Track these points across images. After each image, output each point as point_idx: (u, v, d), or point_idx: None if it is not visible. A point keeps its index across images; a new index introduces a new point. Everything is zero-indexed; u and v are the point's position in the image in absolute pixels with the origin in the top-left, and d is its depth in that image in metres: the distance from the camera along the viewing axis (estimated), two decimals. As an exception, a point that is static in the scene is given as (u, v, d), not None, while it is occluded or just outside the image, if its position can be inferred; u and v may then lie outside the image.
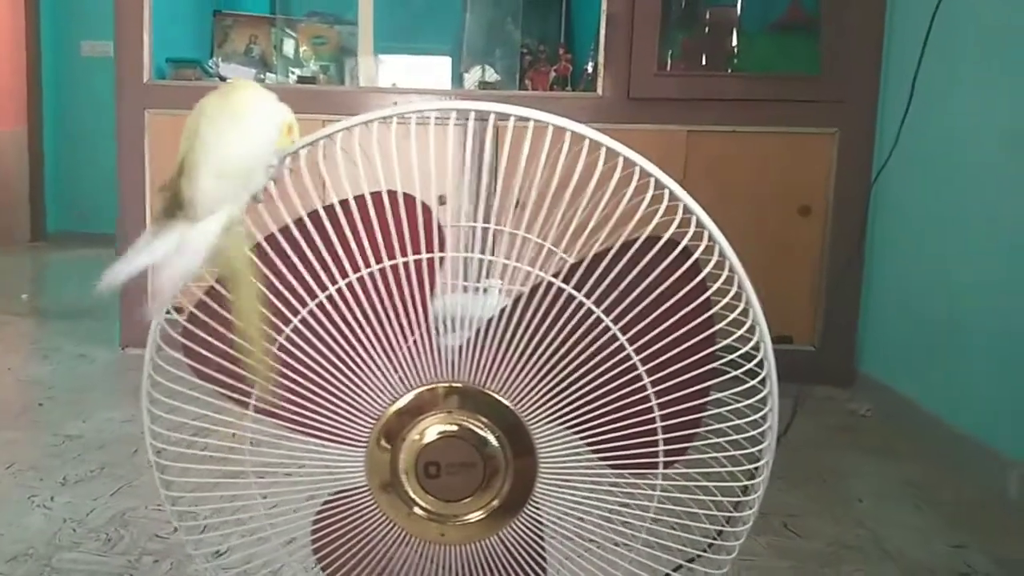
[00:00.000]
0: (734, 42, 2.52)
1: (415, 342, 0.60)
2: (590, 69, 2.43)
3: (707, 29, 2.56)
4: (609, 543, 0.66)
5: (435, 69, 2.87)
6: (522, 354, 0.61)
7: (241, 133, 0.62)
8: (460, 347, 0.61)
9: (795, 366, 2.24)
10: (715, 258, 0.63)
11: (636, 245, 0.60)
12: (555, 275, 0.60)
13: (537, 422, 0.62)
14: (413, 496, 0.62)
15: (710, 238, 0.63)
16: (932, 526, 1.42)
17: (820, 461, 1.76)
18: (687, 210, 0.63)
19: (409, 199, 0.64)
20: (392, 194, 0.64)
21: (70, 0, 4.91)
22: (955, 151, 1.86)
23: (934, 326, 1.91)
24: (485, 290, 0.66)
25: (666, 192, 0.63)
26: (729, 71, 2.47)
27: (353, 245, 0.60)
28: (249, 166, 0.63)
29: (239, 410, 0.61)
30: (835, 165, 2.25)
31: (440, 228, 0.64)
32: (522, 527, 0.64)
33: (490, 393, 0.62)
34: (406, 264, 0.60)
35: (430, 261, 0.62)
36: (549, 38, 2.74)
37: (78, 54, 4.91)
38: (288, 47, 2.55)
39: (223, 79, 2.47)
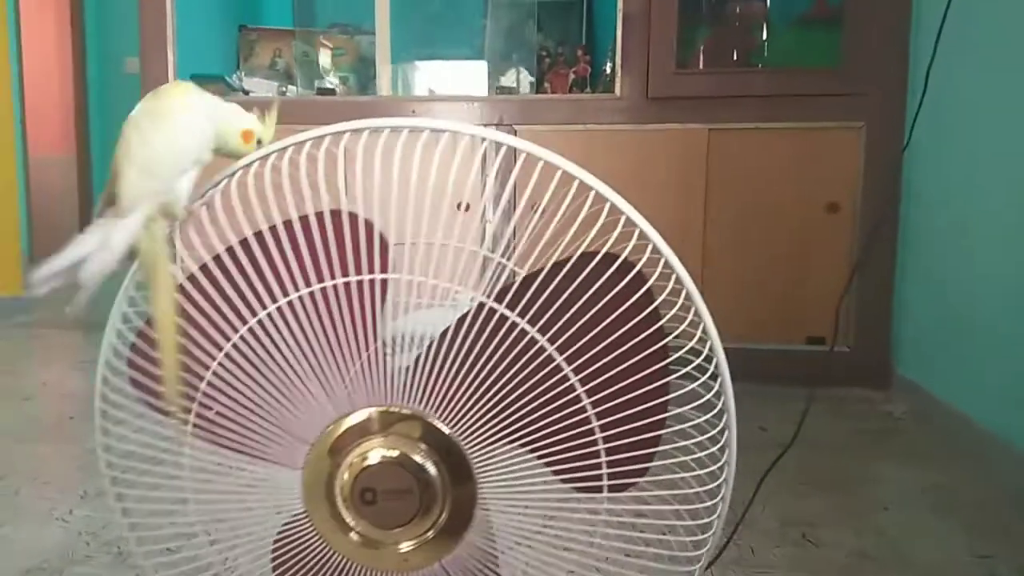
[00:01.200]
0: (763, 37, 2.47)
1: (346, 365, 0.59)
2: (608, 70, 2.40)
3: (736, 23, 2.50)
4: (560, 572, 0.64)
5: (470, 74, 2.86)
6: (456, 378, 0.59)
7: (164, 132, 0.65)
8: (398, 370, 0.60)
9: (830, 368, 2.19)
10: (659, 269, 0.61)
11: (571, 262, 0.58)
12: (487, 295, 0.59)
13: (475, 448, 0.60)
14: (350, 522, 0.61)
15: (655, 250, 0.60)
16: (957, 535, 1.36)
17: (847, 466, 1.70)
18: (630, 223, 0.61)
19: (354, 219, 0.64)
20: (338, 214, 0.64)
21: (114, 17, 5.05)
22: (980, 140, 1.79)
23: (966, 325, 1.83)
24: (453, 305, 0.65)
25: (607, 206, 0.61)
26: (760, 66, 2.41)
27: (282, 267, 0.60)
28: (172, 165, 0.65)
29: (180, 429, 0.61)
30: (862, 159, 2.18)
31: (384, 249, 0.63)
32: (477, 552, 0.63)
33: (426, 418, 0.60)
34: (336, 286, 0.59)
35: (372, 283, 0.61)
36: (570, 40, 2.72)
37: (122, 71, 5.04)
38: (309, 59, 2.58)
39: (246, 93, 2.51)
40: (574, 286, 0.58)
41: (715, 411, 0.63)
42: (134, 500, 0.67)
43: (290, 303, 0.59)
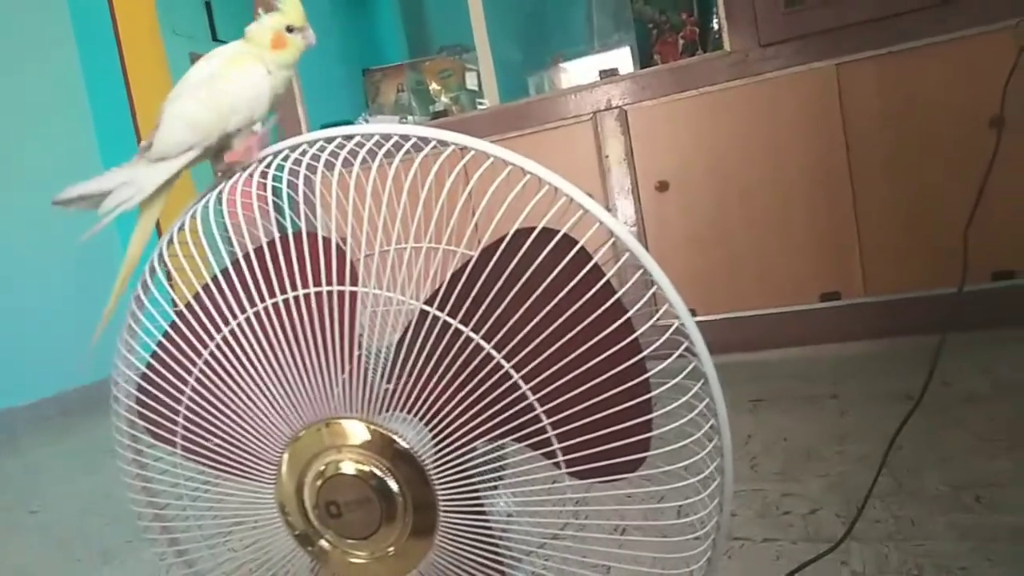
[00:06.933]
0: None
1: (300, 377, 0.60)
2: (717, 26, 2.26)
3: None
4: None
5: (578, 65, 2.82)
6: (404, 383, 0.58)
7: (215, 90, 0.66)
8: (346, 381, 0.59)
9: (1022, 304, 1.91)
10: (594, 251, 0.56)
11: (503, 243, 0.55)
12: (428, 301, 0.57)
13: (429, 455, 0.58)
14: (325, 535, 0.61)
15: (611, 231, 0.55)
16: None
17: (1044, 417, 1.47)
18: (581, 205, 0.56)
19: (317, 238, 0.65)
20: (310, 236, 0.66)
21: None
22: None
23: None
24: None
25: (532, 182, 0.57)
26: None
27: (251, 282, 0.61)
28: (217, 124, 0.66)
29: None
30: (1024, 59, 1.88)
31: (343, 262, 0.63)
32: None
33: (377, 426, 0.59)
34: (297, 299, 0.60)
35: (327, 295, 0.61)
36: (680, 6, 2.60)
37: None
38: (422, 87, 2.67)
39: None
40: (509, 270, 0.55)
41: (698, 410, 0.56)
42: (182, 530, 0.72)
43: (256, 314, 0.60)
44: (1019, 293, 1.95)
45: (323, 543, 0.62)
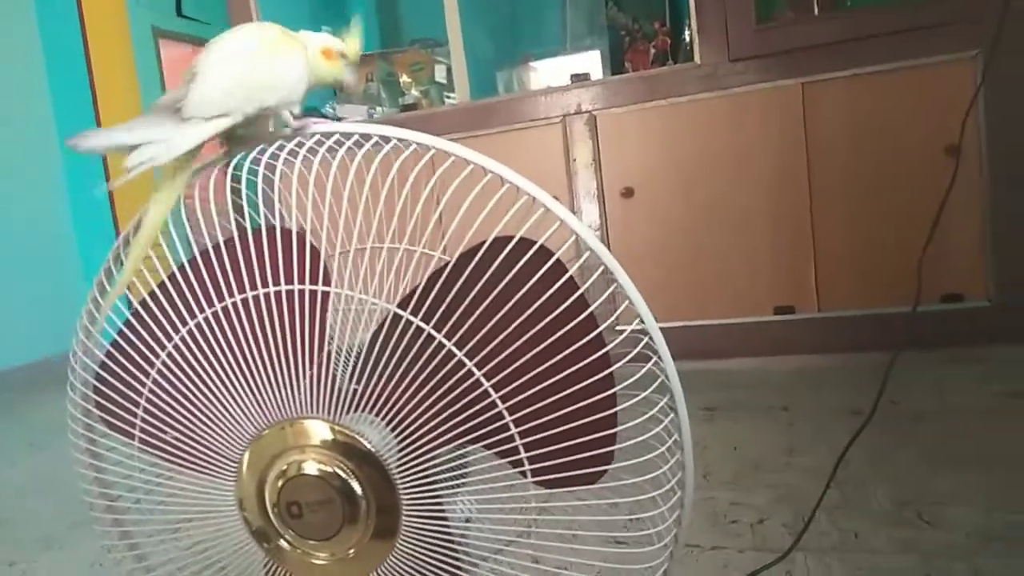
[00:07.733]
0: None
1: (268, 376, 0.59)
2: (688, 38, 2.29)
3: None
4: None
5: (550, 66, 2.84)
6: (366, 387, 0.58)
7: (260, 61, 0.64)
8: (313, 382, 0.59)
9: (970, 326, 1.97)
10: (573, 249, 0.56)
11: (480, 251, 0.55)
12: (401, 304, 0.57)
13: (392, 457, 0.58)
14: (285, 535, 0.61)
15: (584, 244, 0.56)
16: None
17: (986, 436, 1.52)
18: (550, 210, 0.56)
19: (291, 235, 0.64)
20: (283, 232, 0.65)
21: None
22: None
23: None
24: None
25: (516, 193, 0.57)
26: (848, 3, 2.22)
27: (220, 277, 0.60)
28: (256, 95, 0.63)
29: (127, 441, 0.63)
30: (982, 92, 1.94)
31: (316, 261, 0.63)
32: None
33: (343, 428, 0.59)
34: (268, 295, 0.60)
35: (298, 293, 0.60)
36: (651, 15, 2.63)
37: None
38: (392, 79, 2.65)
39: (339, 119, 2.62)
40: (484, 280, 0.55)
41: (661, 391, 0.57)
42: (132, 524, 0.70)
43: (224, 308, 0.59)
44: (967, 315, 2.01)
45: (282, 543, 0.61)
